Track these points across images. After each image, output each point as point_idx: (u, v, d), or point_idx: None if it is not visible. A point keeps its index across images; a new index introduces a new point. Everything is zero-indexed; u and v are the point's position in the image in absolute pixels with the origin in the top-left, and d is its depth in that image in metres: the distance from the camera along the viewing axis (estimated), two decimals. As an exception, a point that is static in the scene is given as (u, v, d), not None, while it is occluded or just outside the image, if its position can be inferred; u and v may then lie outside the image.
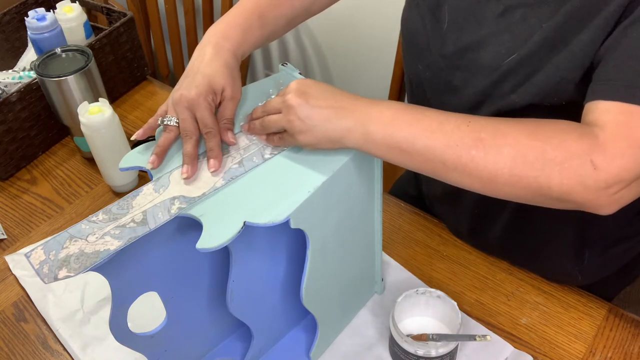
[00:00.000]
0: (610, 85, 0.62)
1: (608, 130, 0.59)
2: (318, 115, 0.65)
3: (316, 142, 0.66)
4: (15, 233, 1.02)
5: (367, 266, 0.83)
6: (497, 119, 0.63)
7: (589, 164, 0.58)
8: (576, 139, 0.59)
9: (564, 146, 0.59)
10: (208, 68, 0.72)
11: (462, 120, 0.63)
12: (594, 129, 0.60)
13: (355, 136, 0.64)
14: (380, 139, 0.64)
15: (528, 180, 0.60)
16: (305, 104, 0.65)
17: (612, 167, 0.58)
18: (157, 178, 0.67)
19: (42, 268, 0.57)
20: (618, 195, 0.59)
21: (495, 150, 0.60)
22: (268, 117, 0.69)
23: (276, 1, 0.82)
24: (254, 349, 0.78)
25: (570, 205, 0.61)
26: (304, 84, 0.67)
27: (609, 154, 0.58)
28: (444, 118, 0.64)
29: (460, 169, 0.62)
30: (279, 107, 0.67)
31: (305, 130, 0.65)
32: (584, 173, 0.58)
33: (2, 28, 1.27)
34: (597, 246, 0.88)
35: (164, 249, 0.67)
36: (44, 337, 0.88)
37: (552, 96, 0.70)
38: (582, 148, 0.59)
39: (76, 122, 1.02)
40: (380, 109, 0.65)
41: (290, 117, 0.66)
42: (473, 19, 0.76)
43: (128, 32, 1.22)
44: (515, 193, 0.62)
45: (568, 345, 0.82)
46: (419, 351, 0.73)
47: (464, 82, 0.78)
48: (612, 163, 0.58)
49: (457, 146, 0.61)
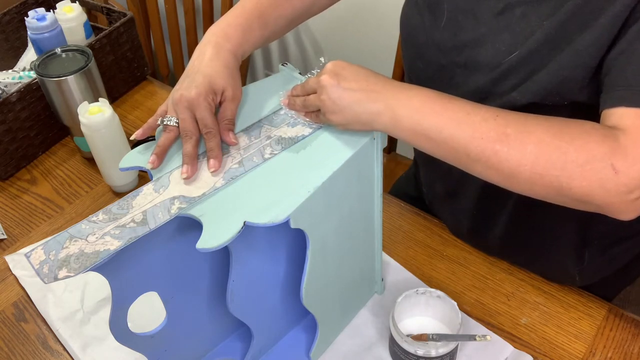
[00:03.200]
0: (628, 91, 0.62)
1: (629, 134, 0.60)
2: (349, 97, 0.66)
3: (346, 123, 0.68)
4: (15, 233, 1.02)
5: (367, 266, 0.83)
6: (525, 115, 0.64)
7: (609, 168, 0.58)
8: (598, 142, 0.60)
9: (586, 148, 0.59)
10: (208, 68, 0.72)
11: (490, 114, 0.63)
12: (616, 132, 0.60)
13: (384, 120, 0.66)
14: (407, 125, 0.65)
15: (549, 179, 0.60)
16: (337, 85, 0.67)
17: (632, 172, 0.58)
18: (157, 178, 0.67)
19: (42, 268, 0.57)
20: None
21: (519, 146, 0.61)
22: (305, 97, 0.71)
23: (277, 1, 0.82)
24: (254, 349, 0.78)
25: (591, 207, 0.62)
26: (338, 65, 0.68)
27: (629, 158, 0.58)
28: (472, 109, 0.64)
29: (484, 161, 0.62)
30: (314, 87, 0.69)
31: (336, 110, 0.67)
32: (604, 176, 0.59)
33: (2, 28, 1.27)
34: (597, 246, 0.88)
35: (164, 249, 0.67)
36: (44, 337, 0.88)
37: (554, 95, 0.70)
38: (603, 151, 0.59)
39: (76, 122, 1.02)
40: (410, 94, 0.66)
41: (323, 97, 0.67)
42: (472, 16, 0.76)
43: (128, 32, 1.22)
44: (536, 190, 0.63)
45: (568, 345, 0.82)
46: (419, 351, 0.73)
47: (464, 80, 0.78)
48: (633, 167, 0.58)
49: (482, 139, 0.62)
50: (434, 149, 0.66)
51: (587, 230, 0.86)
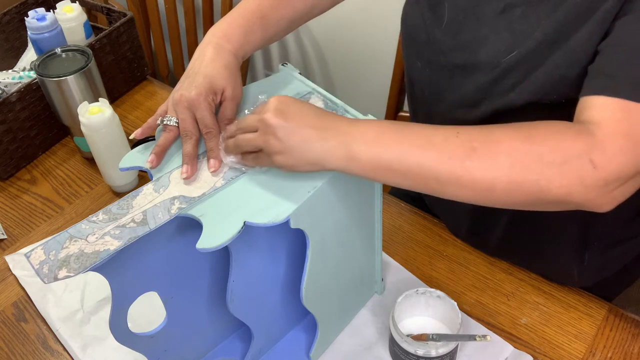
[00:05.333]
0: (612, 81, 0.61)
1: (606, 127, 0.59)
2: (297, 136, 0.61)
3: (294, 164, 0.63)
4: (15, 233, 1.02)
5: (367, 266, 0.83)
6: (486, 127, 0.62)
7: (588, 164, 0.58)
8: (573, 139, 0.59)
9: (561, 147, 0.58)
10: (209, 69, 0.72)
11: (450, 132, 0.61)
12: (589, 126, 0.59)
13: (336, 158, 0.61)
14: (365, 159, 0.61)
15: (528, 185, 0.59)
16: (284, 123, 0.61)
17: (611, 165, 0.58)
18: (157, 178, 0.67)
19: (42, 268, 0.57)
20: (617, 192, 0.59)
21: (490, 158, 0.59)
22: (243, 135, 0.65)
23: (278, 3, 0.81)
24: (254, 349, 0.78)
25: (568, 206, 0.61)
26: (282, 102, 0.63)
27: (608, 151, 0.58)
28: (431, 132, 0.61)
29: (455, 181, 0.60)
30: (256, 125, 0.64)
31: (282, 151, 0.62)
32: (584, 173, 0.58)
33: (2, 28, 1.27)
34: (597, 247, 0.88)
35: (164, 249, 0.67)
36: (44, 337, 0.88)
37: (551, 94, 0.70)
38: (580, 148, 0.58)
39: (76, 122, 1.02)
40: (364, 127, 0.62)
41: (267, 136, 0.62)
42: (473, 16, 0.76)
43: (128, 32, 1.22)
44: (513, 200, 0.61)
45: (568, 345, 0.82)
46: (419, 351, 0.73)
47: (463, 80, 0.78)
48: (612, 161, 0.58)
49: (449, 159, 0.59)
50: (399, 180, 0.61)
51: (587, 231, 0.86)
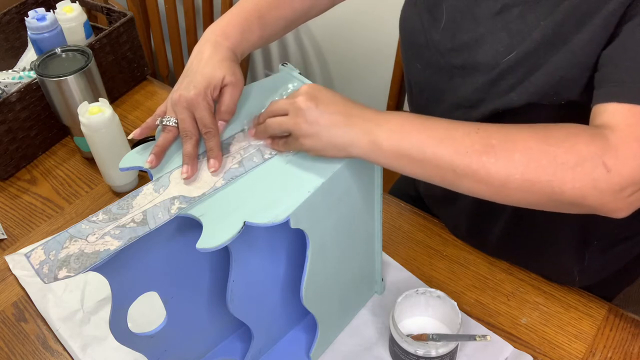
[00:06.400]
0: (621, 87, 0.62)
1: (619, 132, 0.59)
2: (326, 120, 0.64)
3: (321, 148, 0.65)
4: (15, 233, 1.02)
5: (367, 266, 0.83)
6: (506, 126, 0.63)
7: (601, 167, 0.58)
8: (587, 142, 0.59)
9: (575, 150, 0.59)
10: (207, 67, 0.72)
11: (471, 128, 0.62)
12: (604, 131, 0.60)
13: (361, 144, 0.64)
14: (387, 147, 0.63)
15: (541, 185, 0.59)
16: (315, 107, 0.65)
17: (625, 169, 0.58)
18: (157, 178, 0.67)
19: (42, 268, 0.57)
20: (633, 198, 0.59)
21: (506, 155, 0.60)
22: (273, 119, 0.68)
23: (276, 3, 0.81)
24: (254, 349, 0.78)
25: (584, 209, 0.61)
26: (314, 88, 0.66)
27: (621, 156, 0.58)
28: (453, 126, 0.63)
29: (471, 175, 0.61)
30: (287, 109, 0.67)
31: (311, 134, 0.65)
32: (597, 176, 0.58)
33: (2, 28, 1.27)
34: (597, 246, 0.88)
35: (164, 249, 0.67)
36: (44, 337, 0.88)
37: (551, 95, 0.70)
38: (593, 151, 0.58)
39: (76, 122, 1.02)
40: (388, 117, 0.65)
41: (297, 119, 0.65)
42: (470, 17, 0.76)
43: (128, 32, 1.22)
44: (528, 198, 0.61)
45: (568, 345, 0.82)
46: (419, 351, 0.73)
47: (462, 81, 0.78)
48: (625, 165, 0.58)
49: (467, 153, 0.61)
50: (418, 170, 0.64)
51: (587, 231, 0.86)
